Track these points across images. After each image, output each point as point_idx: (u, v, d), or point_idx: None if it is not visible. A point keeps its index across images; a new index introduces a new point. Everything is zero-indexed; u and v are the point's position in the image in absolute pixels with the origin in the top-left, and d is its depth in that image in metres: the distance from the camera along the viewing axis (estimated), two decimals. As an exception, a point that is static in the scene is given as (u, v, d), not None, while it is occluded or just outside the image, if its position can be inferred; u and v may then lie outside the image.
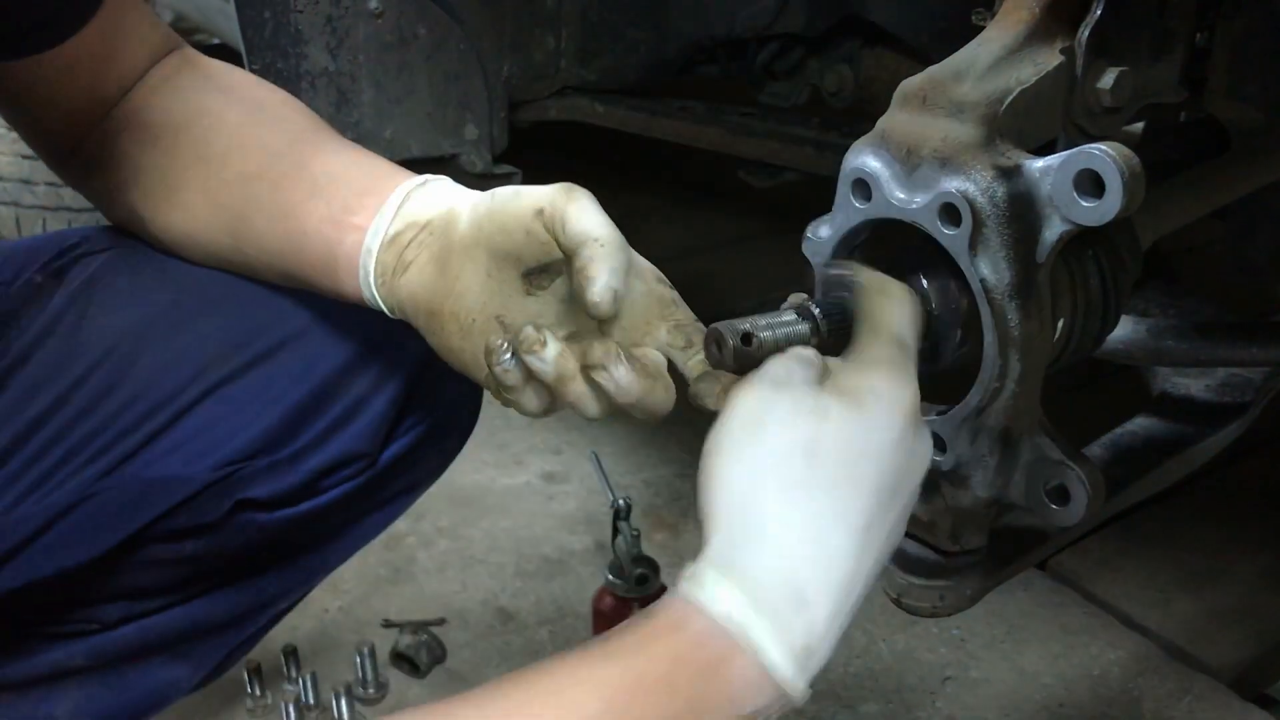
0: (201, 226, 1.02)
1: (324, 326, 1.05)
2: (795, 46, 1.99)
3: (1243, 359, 1.12)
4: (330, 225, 0.94)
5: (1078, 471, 0.81)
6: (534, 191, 0.87)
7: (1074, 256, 0.85)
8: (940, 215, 0.77)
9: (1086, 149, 0.73)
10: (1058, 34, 0.82)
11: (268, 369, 1.03)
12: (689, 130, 1.89)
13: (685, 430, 2.31)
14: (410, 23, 1.73)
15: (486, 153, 1.84)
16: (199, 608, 1.09)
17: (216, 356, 1.03)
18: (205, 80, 1.06)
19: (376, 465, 1.08)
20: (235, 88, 1.07)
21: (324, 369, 1.04)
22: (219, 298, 1.05)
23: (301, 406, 1.03)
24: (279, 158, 0.99)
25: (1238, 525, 2.01)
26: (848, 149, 0.84)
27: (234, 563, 1.09)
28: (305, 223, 0.96)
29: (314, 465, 1.04)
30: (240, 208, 0.99)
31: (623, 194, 3.38)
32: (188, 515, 1.01)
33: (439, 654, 1.72)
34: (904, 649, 1.76)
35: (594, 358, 0.82)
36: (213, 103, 1.04)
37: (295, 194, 0.97)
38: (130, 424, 1.01)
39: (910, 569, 0.94)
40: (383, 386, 1.06)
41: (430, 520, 2.02)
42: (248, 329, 1.04)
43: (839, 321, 0.79)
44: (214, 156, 1.01)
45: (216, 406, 1.02)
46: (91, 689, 1.09)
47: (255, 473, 1.02)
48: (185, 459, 1.01)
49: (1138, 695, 1.68)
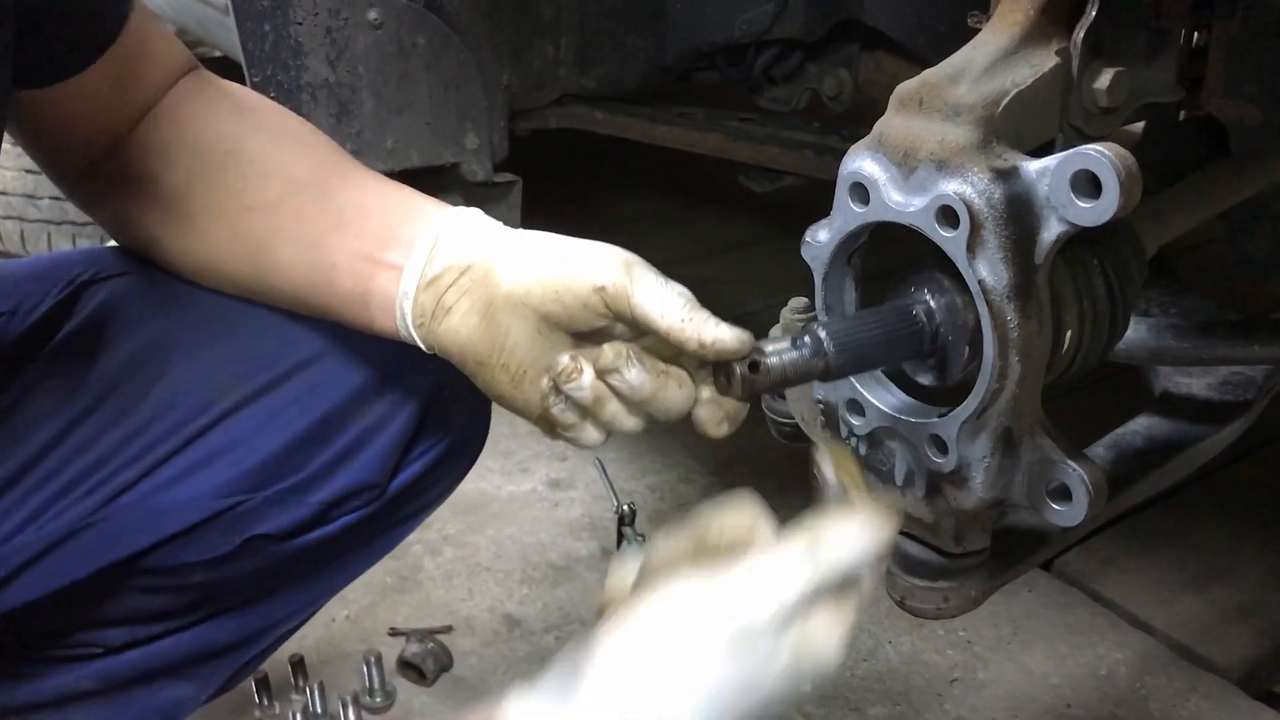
0: (222, 254, 1.01)
1: (335, 354, 1.04)
2: (794, 51, 1.99)
3: (1244, 357, 1.12)
4: (361, 260, 0.93)
5: (1079, 471, 0.81)
6: (590, 264, 0.86)
7: (1079, 268, 0.85)
8: (938, 218, 0.78)
9: (1083, 150, 0.73)
10: (1053, 36, 0.83)
11: (275, 399, 1.03)
12: (689, 136, 1.89)
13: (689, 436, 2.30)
14: (409, 33, 1.73)
15: (487, 161, 1.85)
16: (205, 631, 1.09)
17: (223, 387, 1.02)
18: (225, 103, 1.05)
19: (386, 494, 1.07)
20: (255, 111, 1.05)
21: (333, 397, 1.04)
22: (227, 326, 1.05)
23: (308, 436, 1.03)
24: (302, 185, 0.98)
25: (1243, 523, 2.01)
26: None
27: (242, 589, 1.09)
28: (333, 255, 0.95)
29: (322, 498, 1.03)
30: (262, 236, 0.98)
31: (623, 201, 3.40)
32: (196, 550, 1.01)
33: (446, 662, 1.73)
34: (910, 651, 1.76)
35: (605, 362, 0.82)
36: (233, 127, 1.02)
37: (320, 224, 0.96)
38: (133, 455, 1.00)
39: (914, 571, 0.95)
40: (394, 415, 1.05)
41: (436, 528, 2.02)
42: (256, 358, 1.04)
43: (846, 349, 0.80)
44: (234, 183, 0.99)
45: (221, 437, 1.01)
46: (98, 712, 1.09)
47: (262, 504, 1.01)
48: (188, 489, 1.00)
49: (1145, 695, 1.68)
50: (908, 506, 0.90)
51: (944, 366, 0.84)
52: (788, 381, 0.80)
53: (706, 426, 0.82)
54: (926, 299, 0.83)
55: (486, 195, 1.87)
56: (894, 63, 1.94)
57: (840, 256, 0.87)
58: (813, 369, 0.80)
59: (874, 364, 0.84)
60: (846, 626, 0.73)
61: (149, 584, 1.03)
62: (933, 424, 0.83)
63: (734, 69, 2.04)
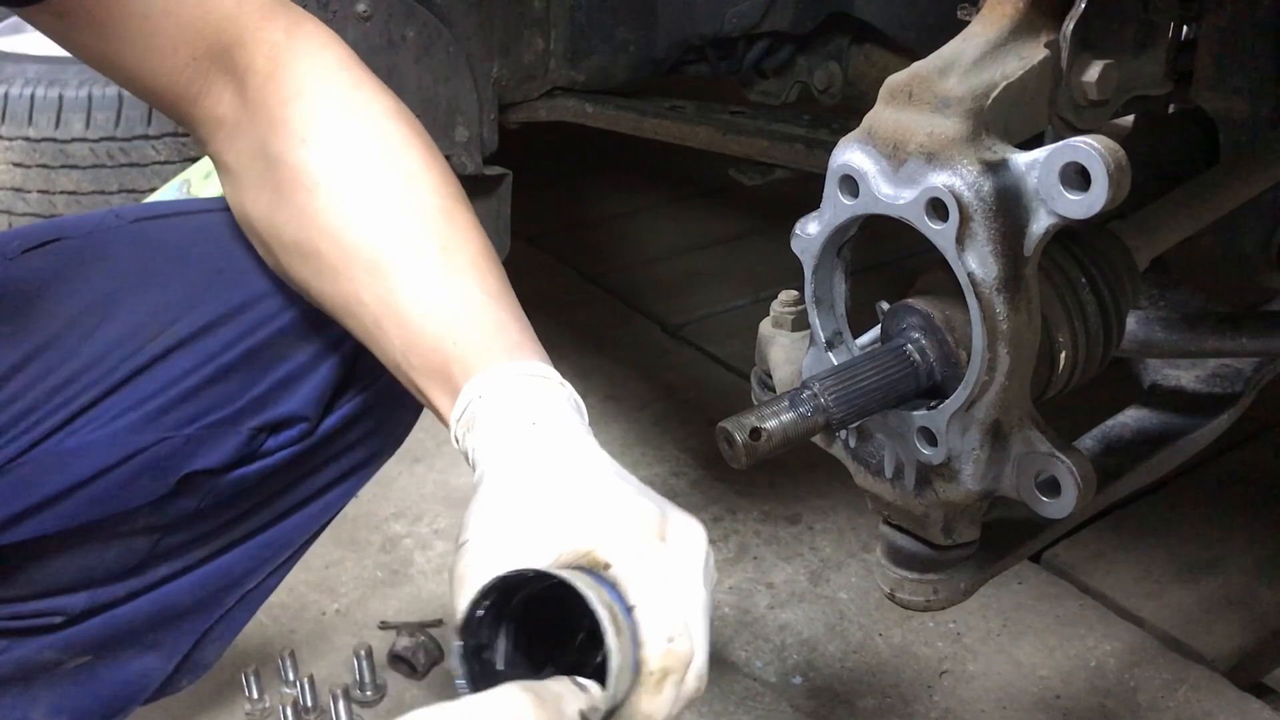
0: (313, 295, 1.00)
1: (269, 297, 1.05)
2: (784, 44, 1.99)
3: (1232, 349, 1.12)
4: (423, 380, 0.91)
5: (1067, 463, 0.81)
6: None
7: (1069, 286, 0.86)
8: (927, 210, 0.78)
9: (1072, 142, 0.73)
10: (1042, 28, 0.83)
11: (208, 341, 1.04)
12: (679, 130, 1.89)
13: (680, 429, 2.31)
14: (398, 25, 1.73)
15: (477, 154, 1.84)
16: (164, 594, 1.10)
17: (154, 333, 1.03)
18: (338, 120, 0.98)
19: (317, 432, 1.08)
20: (362, 134, 0.98)
21: (263, 336, 1.04)
22: (163, 276, 1.05)
23: (237, 371, 1.03)
24: (369, 308, 0.94)
25: (1231, 516, 2.02)
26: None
27: (192, 535, 1.09)
28: (391, 355, 0.94)
29: (251, 425, 1.04)
30: (345, 306, 0.96)
31: (613, 194, 3.39)
32: (139, 494, 1.01)
33: (437, 655, 1.73)
34: (900, 644, 1.76)
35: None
36: (334, 172, 0.96)
37: (389, 333, 0.93)
38: (59, 404, 1.01)
39: (903, 564, 0.95)
40: (326, 356, 1.07)
41: (427, 522, 2.02)
42: (189, 303, 1.04)
43: (843, 401, 0.80)
44: (322, 252, 0.95)
45: (149, 382, 1.02)
46: (64, 687, 1.09)
47: (191, 441, 1.02)
48: (110, 429, 1.01)
49: (1134, 686, 1.68)
50: (897, 499, 0.90)
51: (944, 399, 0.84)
52: (790, 443, 0.80)
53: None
54: (917, 336, 0.83)
55: (476, 188, 1.86)
56: (884, 56, 1.94)
57: (830, 249, 0.87)
58: (814, 426, 0.80)
59: (874, 410, 0.84)
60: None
61: (101, 535, 1.03)
62: (922, 416, 0.84)
63: (724, 62, 2.03)
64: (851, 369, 0.83)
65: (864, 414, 0.83)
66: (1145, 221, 0.97)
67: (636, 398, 2.36)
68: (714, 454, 0.81)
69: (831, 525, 2.02)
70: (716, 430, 0.79)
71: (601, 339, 2.60)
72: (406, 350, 0.91)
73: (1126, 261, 0.91)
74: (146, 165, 2.56)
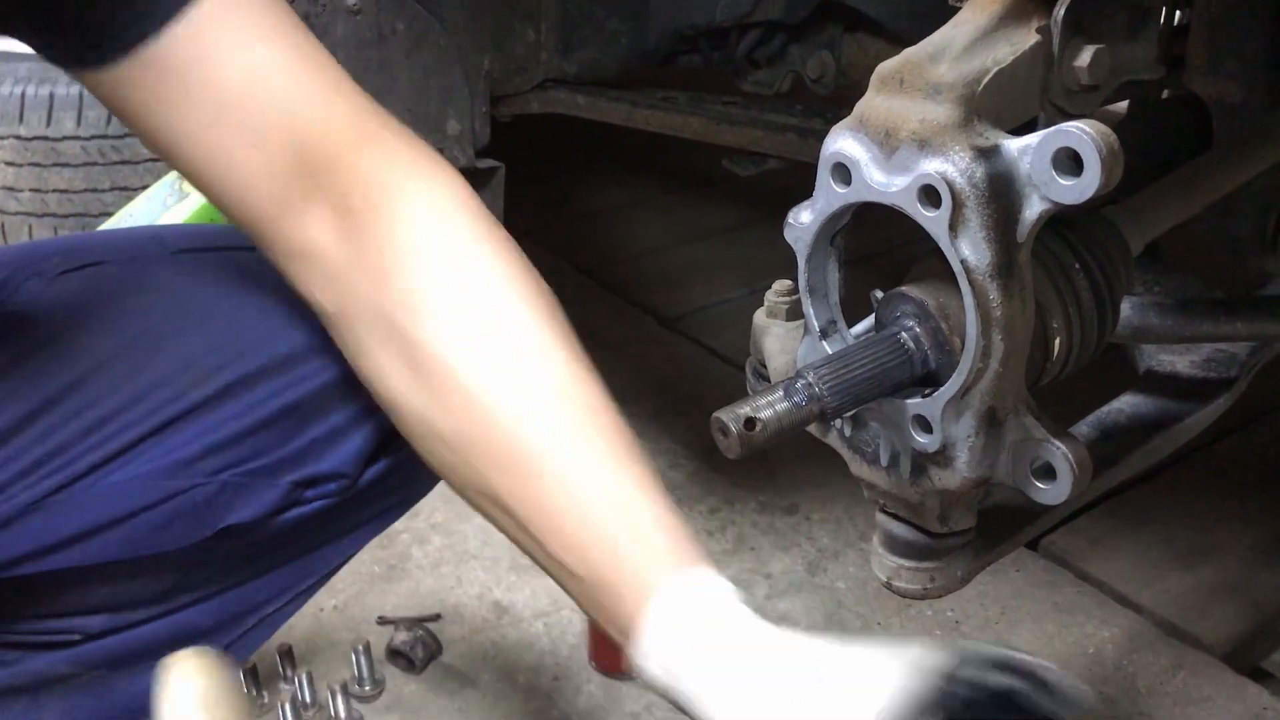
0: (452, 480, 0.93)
1: (315, 350, 1.02)
2: (776, 34, 1.99)
3: (1227, 334, 1.12)
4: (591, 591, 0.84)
5: (1063, 449, 0.81)
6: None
7: (1062, 273, 0.85)
8: (920, 197, 0.77)
9: (1064, 127, 0.73)
10: (1034, 13, 0.82)
11: (252, 392, 1.01)
12: (672, 120, 1.89)
13: (677, 421, 2.31)
14: (389, 19, 1.72)
15: (469, 147, 1.84)
16: (185, 617, 1.09)
17: (196, 379, 1.01)
18: (461, 292, 0.90)
19: (357, 485, 1.06)
20: (487, 307, 0.91)
21: (308, 390, 1.02)
22: (204, 317, 1.03)
23: (279, 425, 1.01)
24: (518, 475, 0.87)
25: (1228, 501, 2.02)
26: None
27: (219, 573, 1.08)
28: (542, 558, 0.87)
29: (292, 478, 1.02)
30: (492, 499, 0.89)
31: (607, 186, 3.39)
32: (171, 538, 1.00)
33: (435, 649, 1.73)
34: (898, 632, 1.76)
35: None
36: (469, 358, 0.88)
37: (541, 535, 0.86)
38: (95, 444, 0.99)
39: (900, 552, 0.95)
40: (366, 416, 1.03)
41: (424, 517, 2.02)
42: (233, 351, 1.02)
43: (838, 390, 0.80)
44: (474, 442, 0.88)
45: (191, 428, 1.00)
46: (76, 698, 1.08)
47: (230, 484, 1.00)
48: (150, 471, 0.99)
49: (1132, 672, 1.68)
50: (893, 487, 0.90)
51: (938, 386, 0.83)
52: (785, 432, 0.80)
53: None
54: (911, 324, 0.83)
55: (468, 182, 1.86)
56: (876, 44, 1.93)
57: (823, 238, 0.87)
58: (809, 415, 0.79)
59: (869, 398, 0.83)
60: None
61: (128, 571, 1.02)
62: (916, 404, 0.83)
63: (716, 52, 2.03)
64: (846, 358, 0.82)
65: (859, 403, 0.83)
66: (1139, 207, 0.97)
67: (632, 391, 2.36)
68: (711, 445, 0.80)
69: (829, 515, 2.02)
70: (711, 421, 0.79)
71: (596, 332, 2.60)
72: (563, 555, 0.85)
73: (1120, 247, 0.91)
74: (139, 162, 2.55)
